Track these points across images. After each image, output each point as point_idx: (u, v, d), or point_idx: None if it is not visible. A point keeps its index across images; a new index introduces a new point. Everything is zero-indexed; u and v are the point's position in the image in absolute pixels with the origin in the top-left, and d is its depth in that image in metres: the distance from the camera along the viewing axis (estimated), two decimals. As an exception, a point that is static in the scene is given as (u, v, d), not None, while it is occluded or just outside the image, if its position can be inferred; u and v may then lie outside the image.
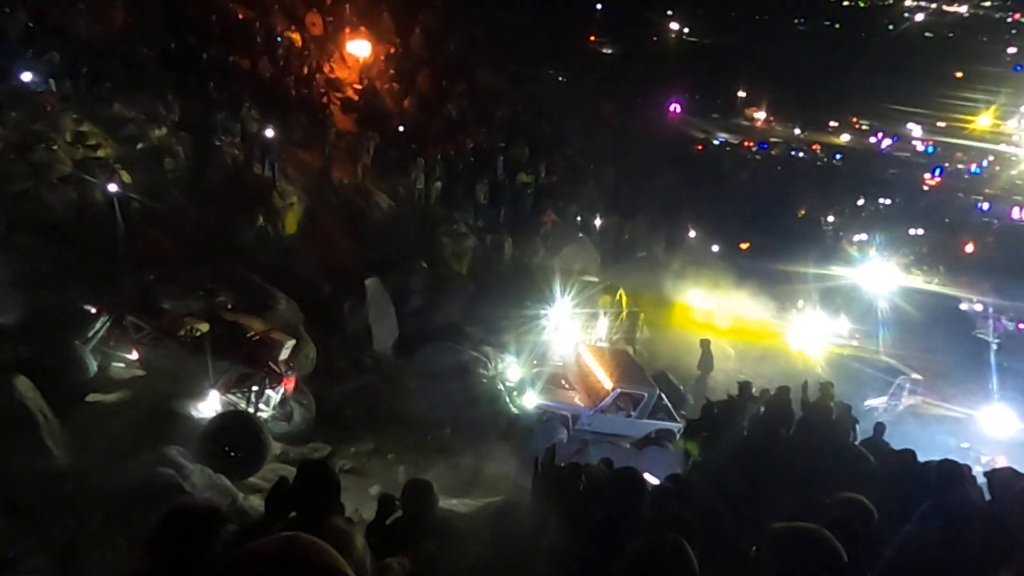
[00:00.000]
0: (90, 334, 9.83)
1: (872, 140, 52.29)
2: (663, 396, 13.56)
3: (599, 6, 43.51)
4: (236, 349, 10.10)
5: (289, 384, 10.49)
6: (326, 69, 23.80)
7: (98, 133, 14.25)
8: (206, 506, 2.76)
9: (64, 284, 10.97)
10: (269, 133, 16.55)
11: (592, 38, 42.84)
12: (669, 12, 46.56)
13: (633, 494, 4.17)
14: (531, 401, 12.92)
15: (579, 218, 25.02)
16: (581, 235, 23.89)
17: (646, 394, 13.42)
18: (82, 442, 8.65)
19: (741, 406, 10.26)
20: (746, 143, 46.57)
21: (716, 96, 48.82)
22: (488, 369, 14.31)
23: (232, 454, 9.20)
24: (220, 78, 18.29)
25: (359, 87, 24.04)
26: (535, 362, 15.16)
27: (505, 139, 25.16)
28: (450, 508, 5.16)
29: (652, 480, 5.94)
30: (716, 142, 44.89)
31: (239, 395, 10.20)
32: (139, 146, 14.91)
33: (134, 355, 10.16)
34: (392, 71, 25.19)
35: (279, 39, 21.97)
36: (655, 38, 46.74)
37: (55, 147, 13.42)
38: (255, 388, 10.15)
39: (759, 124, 50.84)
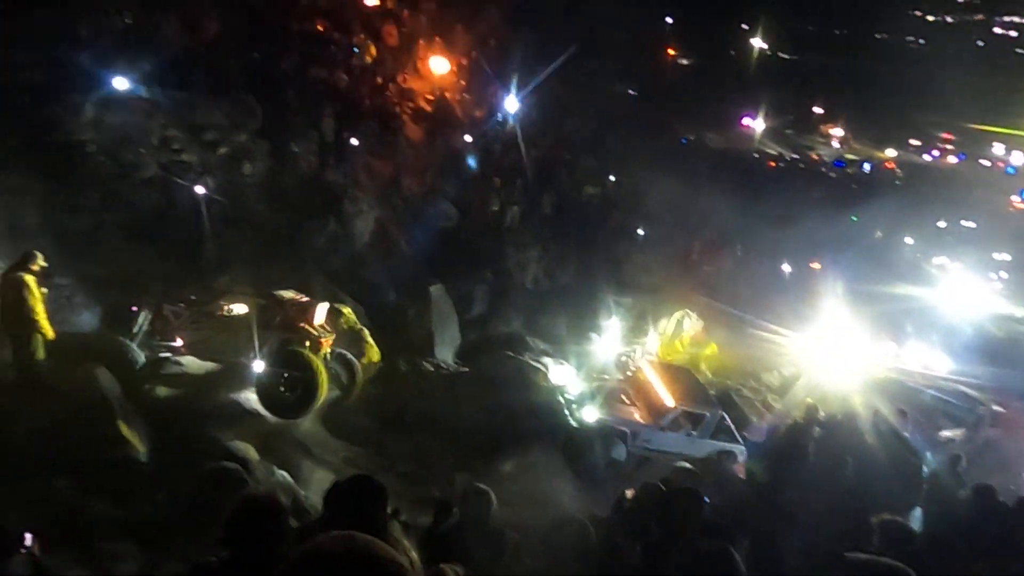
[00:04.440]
0: (135, 330, 10.24)
1: (954, 160, 50.15)
2: (726, 417, 13.29)
3: (671, 20, 43.06)
4: (272, 317, 10.38)
5: (327, 344, 10.61)
6: (399, 79, 24.28)
7: (182, 138, 14.89)
8: (273, 500, 2.86)
9: (144, 282, 11.47)
10: (343, 141, 16.99)
11: (669, 52, 42.35)
12: (745, 26, 45.73)
13: (692, 514, 4.10)
14: (590, 415, 12.83)
15: (644, 232, 24.78)
16: (645, 249, 23.67)
17: (708, 414, 13.18)
18: (151, 433, 9.02)
19: (807, 431, 9.96)
20: (819, 159, 45.31)
21: (791, 112, 47.64)
22: (548, 380, 14.30)
23: (285, 393, 9.44)
24: (298, 87, 18.88)
25: (430, 97, 24.44)
26: (595, 375, 15.07)
27: (572, 150, 25.17)
28: (506, 519, 5.16)
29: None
30: (789, 158, 43.82)
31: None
32: (220, 151, 15.52)
33: (178, 342, 10.53)
34: (463, 82, 25.52)
35: (356, 50, 22.54)
36: (731, 52, 46.00)
37: (142, 150, 14.11)
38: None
39: (836, 141, 49.40)
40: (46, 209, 12.16)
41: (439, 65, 24.91)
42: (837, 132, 49.95)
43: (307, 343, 10.23)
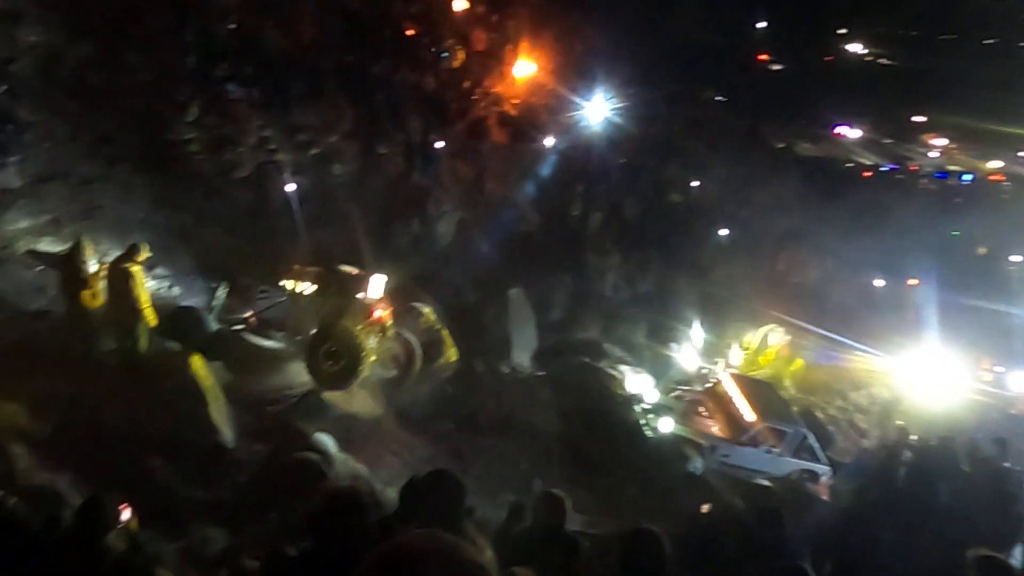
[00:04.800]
0: (212, 303, 10.92)
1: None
2: (809, 435, 12.81)
3: (763, 24, 41.85)
4: (327, 288, 10.81)
5: (383, 316, 10.79)
6: (486, 84, 24.54)
7: (277, 138, 15.48)
8: (358, 495, 2.92)
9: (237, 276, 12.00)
10: (429, 143, 17.30)
11: (760, 57, 41.24)
12: (842, 31, 44.01)
13: (770, 533, 3.97)
14: (667, 426, 12.60)
15: (728, 241, 24.19)
16: (730, 259, 23.09)
17: (791, 431, 12.74)
18: (239, 420, 9.41)
19: (897, 453, 9.50)
20: (918, 170, 43.11)
21: (890, 120, 45.52)
22: (624, 389, 14.13)
23: (330, 365, 9.79)
24: (388, 90, 19.33)
25: (516, 102, 24.58)
26: (674, 386, 14.79)
27: (657, 156, 24.84)
28: (579, 527, 5.12)
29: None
30: (885, 168, 41.90)
31: None
32: (312, 152, 16.06)
33: (248, 313, 11.05)
34: (549, 87, 25.56)
35: (444, 55, 22.91)
36: (826, 58, 44.35)
37: (240, 150, 14.75)
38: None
39: (937, 151, 46.92)
40: (151, 204, 12.86)
41: (526, 70, 25.05)
42: (939, 142, 47.41)
43: (358, 314, 10.50)
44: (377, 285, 10.91)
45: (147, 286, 9.38)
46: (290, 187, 14.27)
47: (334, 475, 8.31)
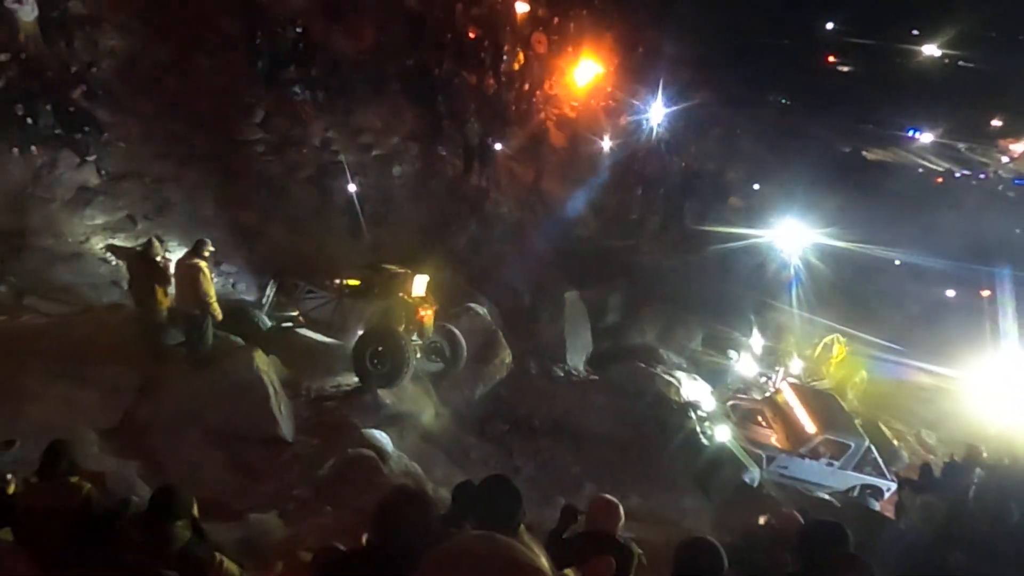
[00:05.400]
0: (264, 300, 11.13)
1: None
2: (872, 449, 12.40)
3: (832, 25, 40.67)
4: (372, 286, 10.95)
5: (426, 316, 10.86)
6: (546, 86, 24.54)
7: (340, 140, 15.79)
8: (423, 494, 2.93)
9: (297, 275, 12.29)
10: (487, 145, 17.40)
11: (829, 59, 40.15)
12: (916, 32, 42.44)
13: (835, 549, 3.84)
14: (723, 434, 12.36)
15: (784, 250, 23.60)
16: (792, 269, 22.51)
17: (853, 444, 12.36)
18: (297, 414, 9.61)
19: (968, 471, 9.12)
20: (995, 176, 41.26)
21: (965, 125, 43.70)
22: (680, 395, 13.94)
23: (377, 366, 9.97)
24: (448, 92, 19.51)
25: (575, 104, 24.52)
26: (731, 393, 14.52)
27: (717, 160, 24.45)
28: (631, 534, 5.06)
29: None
30: (959, 174, 40.27)
31: None
32: (374, 153, 16.33)
33: (295, 312, 11.28)
34: (609, 88, 25.42)
35: (504, 57, 23.00)
36: (898, 59, 42.88)
37: (304, 150, 15.11)
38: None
39: (1017, 157, 44.83)
40: (220, 202, 13.28)
41: (586, 72, 24.96)
42: (1018, 147, 45.29)
43: (403, 314, 10.62)
44: (420, 284, 11.07)
45: (213, 282, 9.65)
46: (352, 187, 14.54)
47: (388, 472, 8.42)
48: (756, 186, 24.20)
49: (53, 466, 4.03)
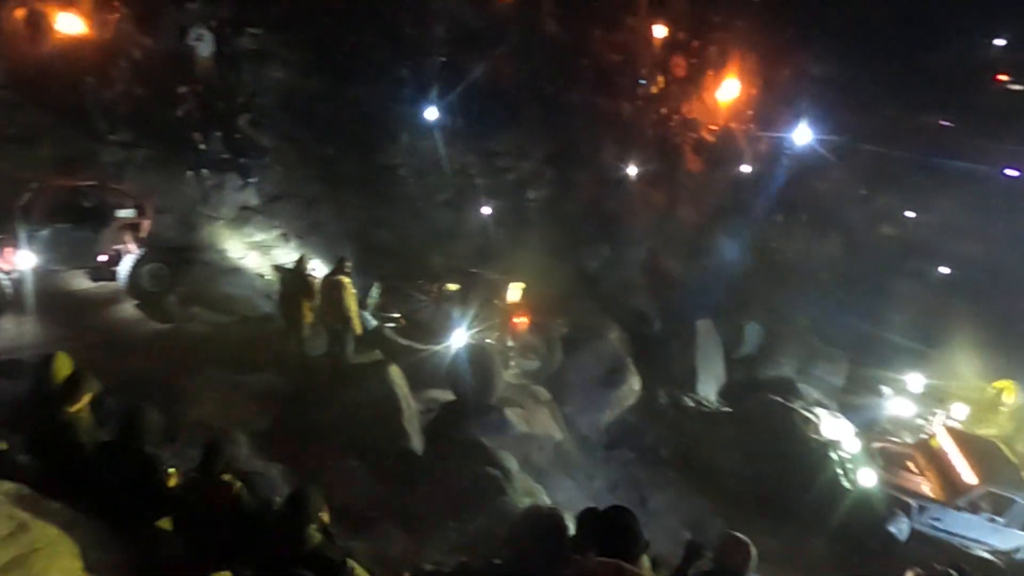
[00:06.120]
0: (368, 301, 11.56)
1: None
2: (1044, 506, 11.12)
3: (1002, 41, 37.47)
4: (468, 292, 11.34)
5: (519, 321, 11.13)
6: (684, 110, 24.17)
7: (477, 163, 16.28)
8: (560, 519, 2.94)
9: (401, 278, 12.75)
10: (622, 169, 17.34)
11: (998, 78, 37.01)
12: (1104, 45, 38.30)
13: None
14: (868, 478, 11.46)
15: (952, 280, 21.75)
16: (954, 300, 20.70)
17: (1020, 499, 11.13)
18: (426, 428, 9.88)
19: None
20: None
21: None
22: (820, 433, 13.11)
23: (469, 382, 10.13)
24: (584, 117, 19.64)
25: (714, 128, 23.95)
26: (878, 435, 13.51)
27: (867, 185, 23.06)
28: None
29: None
30: None
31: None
32: (509, 176, 16.70)
33: (397, 313, 11.68)
34: (750, 112, 24.65)
35: (642, 82, 22.88)
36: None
37: (444, 174, 15.71)
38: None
39: None
40: (363, 222, 14.03)
41: (726, 94, 24.37)
42: None
43: (496, 320, 10.96)
44: (515, 291, 11.53)
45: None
46: (485, 210, 14.93)
47: (512, 493, 8.47)
48: (911, 214, 22.54)
49: (211, 464, 4.35)
